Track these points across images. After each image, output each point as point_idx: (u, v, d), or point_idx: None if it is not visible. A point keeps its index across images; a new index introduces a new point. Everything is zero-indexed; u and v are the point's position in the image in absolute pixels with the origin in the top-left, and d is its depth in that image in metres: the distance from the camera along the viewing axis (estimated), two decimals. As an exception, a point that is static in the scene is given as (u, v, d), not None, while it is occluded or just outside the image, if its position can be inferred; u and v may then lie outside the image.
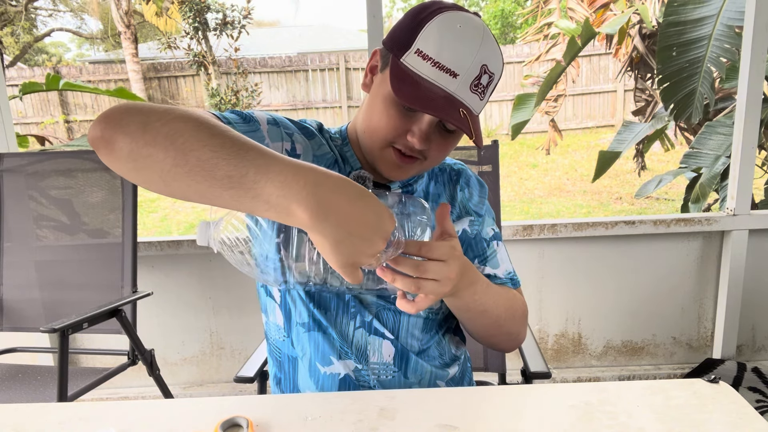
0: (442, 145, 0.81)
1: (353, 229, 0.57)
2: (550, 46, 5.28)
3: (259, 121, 0.81)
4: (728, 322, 2.11)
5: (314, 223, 0.56)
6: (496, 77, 0.78)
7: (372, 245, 0.59)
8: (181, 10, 9.51)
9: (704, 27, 2.74)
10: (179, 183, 0.56)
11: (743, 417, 0.68)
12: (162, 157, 0.55)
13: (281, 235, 0.71)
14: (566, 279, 2.13)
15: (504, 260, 0.96)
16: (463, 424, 0.68)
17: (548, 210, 6.16)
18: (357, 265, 0.60)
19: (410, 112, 0.78)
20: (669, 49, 2.79)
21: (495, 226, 0.98)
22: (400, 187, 0.92)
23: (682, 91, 2.80)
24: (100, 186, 1.78)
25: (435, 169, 0.96)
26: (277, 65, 10.18)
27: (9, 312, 1.81)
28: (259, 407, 0.74)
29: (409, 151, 0.80)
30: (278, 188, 0.55)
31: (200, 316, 2.15)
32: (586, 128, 10.04)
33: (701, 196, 3.02)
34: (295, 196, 0.55)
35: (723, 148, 2.95)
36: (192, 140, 0.55)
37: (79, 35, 18.11)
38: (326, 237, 0.57)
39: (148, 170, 0.57)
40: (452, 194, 0.94)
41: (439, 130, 0.80)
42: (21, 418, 0.74)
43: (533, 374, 1.09)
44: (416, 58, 0.74)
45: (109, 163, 0.60)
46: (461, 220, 0.94)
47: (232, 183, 0.55)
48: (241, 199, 0.56)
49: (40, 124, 9.60)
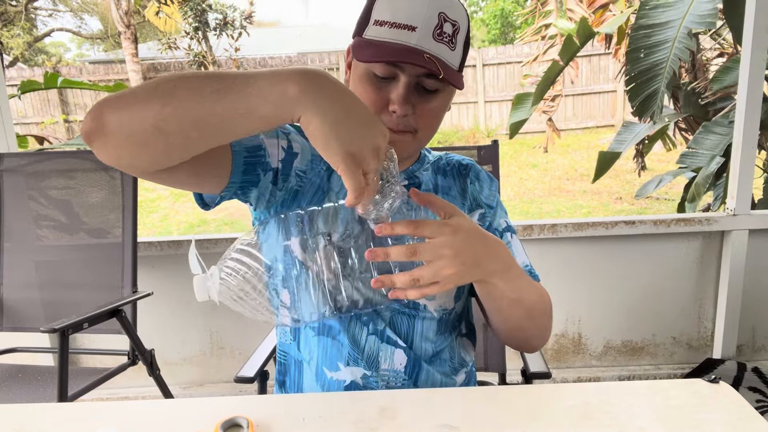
0: (427, 109, 0.80)
1: (350, 109, 0.59)
2: (548, 46, 5.27)
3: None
4: (728, 322, 2.11)
5: (310, 97, 0.57)
6: (462, 25, 0.78)
7: (371, 132, 0.60)
8: (181, 10, 9.50)
9: (669, 30, 2.80)
10: (173, 120, 0.58)
11: (743, 417, 0.68)
12: (149, 107, 0.58)
13: (293, 239, 0.70)
14: (566, 279, 2.13)
15: (519, 253, 0.93)
16: (463, 424, 0.68)
17: (548, 210, 6.15)
18: (358, 157, 0.59)
19: (384, 82, 0.78)
20: (637, 51, 2.86)
21: (508, 218, 0.97)
22: (406, 179, 0.90)
23: (646, 91, 2.87)
24: (100, 186, 1.78)
25: (442, 163, 0.95)
26: (277, 65, 10.19)
27: (9, 312, 1.81)
28: (259, 407, 0.74)
29: (395, 126, 0.79)
30: (269, 80, 0.57)
31: (200, 316, 2.15)
32: (586, 128, 10.03)
33: (696, 195, 3.03)
34: (288, 77, 0.57)
35: (719, 148, 2.96)
36: (170, 83, 0.58)
37: (79, 35, 18.10)
38: (324, 115, 0.57)
39: (142, 132, 0.59)
40: (462, 186, 0.93)
41: (419, 93, 0.79)
42: (21, 418, 0.74)
43: (533, 374, 1.09)
44: (375, 27, 0.77)
45: (105, 150, 0.62)
46: (472, 214, 0.93)
47: (221, 94, 0.57)
48: (236, 103, 0.57)
49: (40, 124, 9.60)
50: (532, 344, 0.91)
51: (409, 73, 0.77)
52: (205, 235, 2.08)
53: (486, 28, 17.67)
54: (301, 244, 0.73)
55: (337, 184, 0.87)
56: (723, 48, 4.03)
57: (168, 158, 0.63)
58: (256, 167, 0.80)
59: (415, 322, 0.87)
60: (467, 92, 10.20)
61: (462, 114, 10.35)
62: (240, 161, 0.77)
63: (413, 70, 0.77)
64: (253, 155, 0.79)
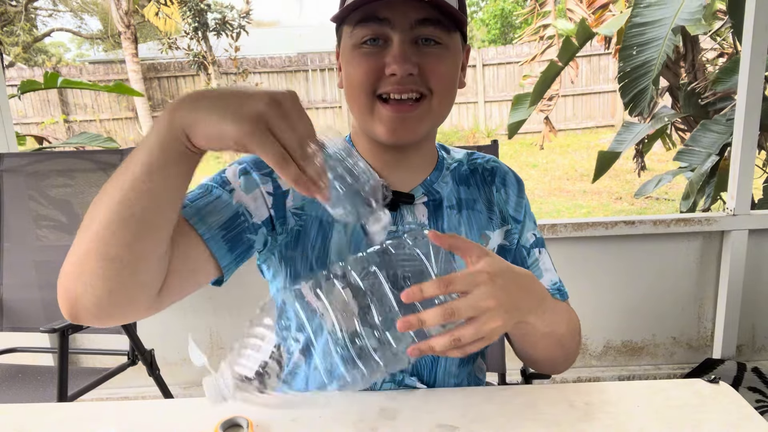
0: (434, 64, 0.70)
1: (223, 91, 0.54)
2: (547, 46, 5.27)
3: (229, 180, 0.76)
4: (728, 322, 2.11)
5: (184, 106, 0.53)
6: None
7: (257, 94, 0.53)
8: (180, 10, 9.50)
9: (661, 28, 2.82)
10: (108, 239, 0.56)
11: (743, 417, 0.68)
12: (88, 251, 0.57)
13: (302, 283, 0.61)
14: (566, 279, 2.09)
15: (548, 269, 0.86)
16: (463, 424, 0.68)
17: (548, 210, 6.15)
18: (257, 121, 0.51)
19: (375, 48, 0.70)
20: (630, 48, 2.88)
21: (536, 230, 0.88)
22: (425, 194, 0.81)
23: (637, 88, 2.89)
24: (99, 186, 1.75)
25: (463, 170, 0.86)
26: (277, 65, 10.18)
27: (9, 312, 1.81)
28: (259, 407, 0.74)
29: (399, 91, 0.70)
30: (147, 134, 0.55)
31: (200, 316, 2.15)
32: (585, 128, 10.04)
33: (690, 193, 3.05)
34: (158, 116, 0.55)
35: (715, 146, 2.96)
36: (86, 218, 0.60)
37: (79, 35, 18.10)
38: (201, 108, 0.53)
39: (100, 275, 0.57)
40: (488, 197, 0.85)
41: (419, 47, 0.70)
42: (21, 418, 0.74)
43: (533, 374, 1.10)
44: None
45: (98, 317, 0.61)
46: (499, 232, 0.85)
47: (118, 177, 0.56)
48: (132, 169, 0.55)
49: (40, 124, 9.60)
50: (558, 369, 0.85)
51: (401, 27, 0.68)
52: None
53: (486, 28, 17.67)
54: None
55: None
56: (723, 48, 4.03)
57: (142, 285, 0.59)
58: (241, 236, 0.72)
59: (439, 360, 0.81)
60: (467, 92, 10.20)
61: (462, 114, 10.35)
62: (219, 245, 0.69)
63: (404, 19, 0.68)
64: (231, 229, 0.71)
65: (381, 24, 0.69)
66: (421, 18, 0.68)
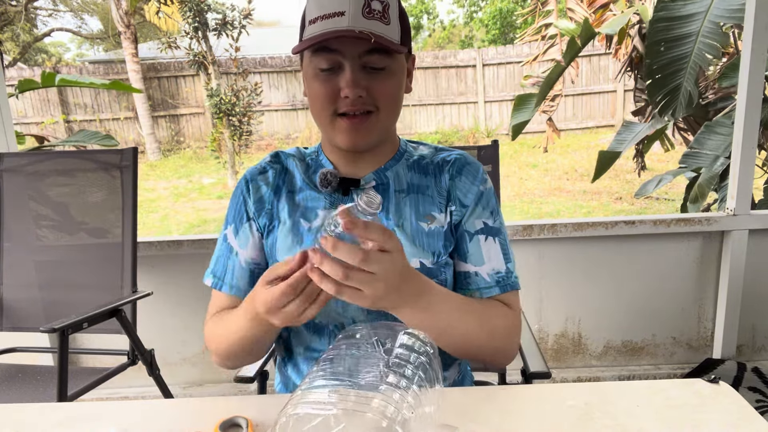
0: (380, 86, 0.83)
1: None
2: (548, 46, 5.27)
3: (226, 237, 0.95)
4: (728, 322, 2.11)
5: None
6: (391, 1, 0.81)
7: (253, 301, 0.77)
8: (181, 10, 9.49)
9: (693, 23, 2.76)
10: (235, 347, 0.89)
11: (743, 417, 0.68)
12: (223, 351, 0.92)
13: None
14: (566, 279, 2.13)
15: (493, 258, 0.88)
16: (463, 424, 0.68)
17: (548, 210, 6.15)
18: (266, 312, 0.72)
19: (331, 74, 0.82)
20: (658, 44, 2.82)
21: (492, 220, 0.90)
22: (375, 180, 0.91)
23: (668, 86, 2.82)
24: (100, 186, 1.77)
25: (423, 164, 0.93)
26: (277, 65, 10.18)
27: (9, 312, 1.81)
28: (258, 407, 0.74)
29: (353, 110, 0.82)
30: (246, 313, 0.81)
31: (200, 316, 2.13)
32: (586, 128, 10.04)
33: (699, 196, 3.02)
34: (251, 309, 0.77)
35: (722, 149, 2.95)
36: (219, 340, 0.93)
37: (79, 35, 18.10)
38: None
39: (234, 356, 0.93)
40: (439, 183, 0.91)
41: (369, 74, 0.82)
42: (21, 418, 0.74)
43: (533, 374, 1.09)
44: (309, 27, 0.81)
45: (233, 364, 0.97)
46: (447, 212, 0.90)
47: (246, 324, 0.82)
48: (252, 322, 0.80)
49: (40, 124, 9.60)
50: (489, 365, 0.94)
51: (351, 56, 0.80)
52: (205, 236, 2.08)
53: (486, 28, 17.67)
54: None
55: (304, 198, 0.91)
56: (723, 48, 4.03)
57: (250, 353, 0.91)
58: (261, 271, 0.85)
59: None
60: (467, 92, 10.21)
61: (462, 114, 10.35)
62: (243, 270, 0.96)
63: (353, 50, 0.80)
64: (254, 280, 0.94)
65: (334, 54, 0.81)
66: (367, 49, 0.80)
